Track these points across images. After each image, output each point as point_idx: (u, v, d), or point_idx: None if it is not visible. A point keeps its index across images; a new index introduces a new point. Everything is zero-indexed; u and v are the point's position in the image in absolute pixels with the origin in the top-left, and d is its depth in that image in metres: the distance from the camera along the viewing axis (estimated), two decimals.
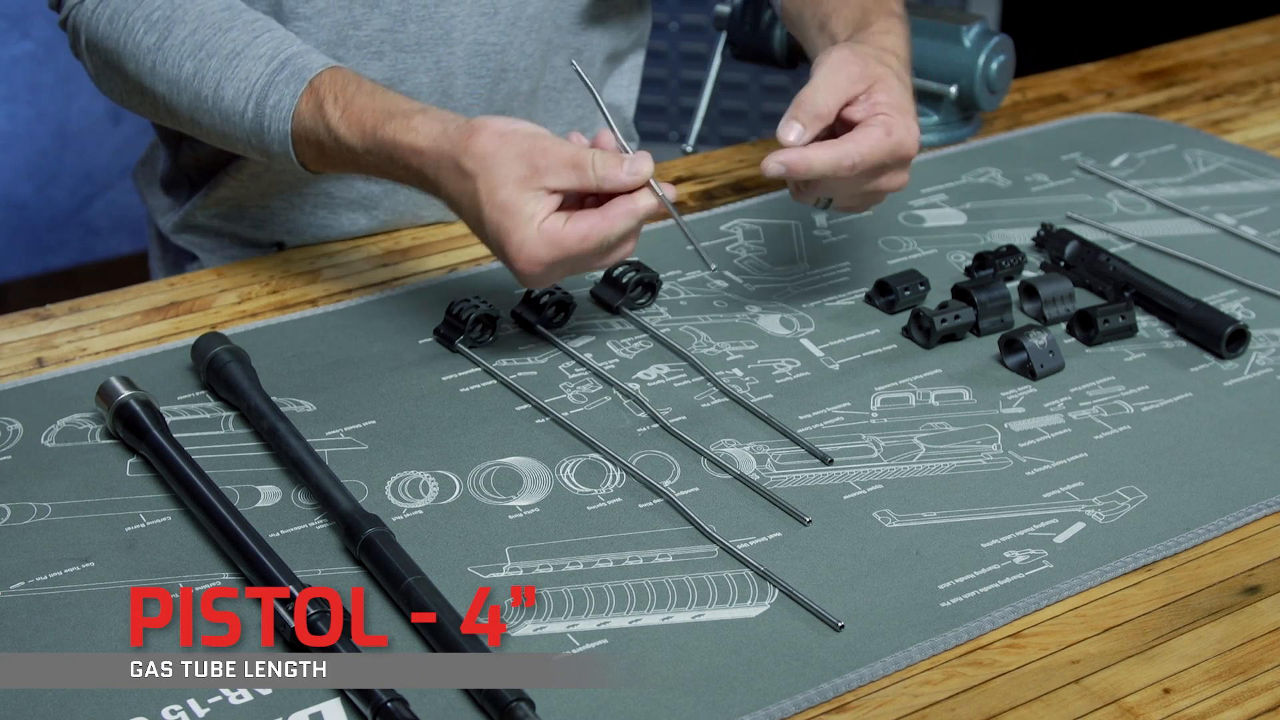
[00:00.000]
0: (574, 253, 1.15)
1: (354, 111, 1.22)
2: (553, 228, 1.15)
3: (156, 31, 1.29)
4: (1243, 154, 1.60)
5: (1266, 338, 1.30)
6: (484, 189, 1.15)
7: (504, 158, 1.15)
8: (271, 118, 1.25)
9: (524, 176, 1.15)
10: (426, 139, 1.19)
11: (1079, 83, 1.78)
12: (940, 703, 0.96)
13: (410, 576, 1.00)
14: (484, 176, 1.15)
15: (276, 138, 1.26)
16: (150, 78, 1.30)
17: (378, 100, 1.22)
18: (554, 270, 1.17)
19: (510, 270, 1.18)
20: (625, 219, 1.15)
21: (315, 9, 1.37)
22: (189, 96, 1.29)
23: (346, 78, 1.24)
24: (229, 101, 1.27)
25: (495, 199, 1.15)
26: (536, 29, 1.45)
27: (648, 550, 1.06)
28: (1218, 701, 0.96)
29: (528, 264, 1.16)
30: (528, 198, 1.15)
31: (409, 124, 1.20)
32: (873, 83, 1.21)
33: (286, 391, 1.21)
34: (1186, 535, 1.09)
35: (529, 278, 1.17)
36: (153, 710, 0.93)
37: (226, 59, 1.27)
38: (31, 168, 2.97)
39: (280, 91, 1.25)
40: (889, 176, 1.24)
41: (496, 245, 1.17)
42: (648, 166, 1.16)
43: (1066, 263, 1.38)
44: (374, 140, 1.21)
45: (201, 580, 1.03)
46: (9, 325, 1.31)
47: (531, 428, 1.18)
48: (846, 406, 1.21)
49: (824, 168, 1.19)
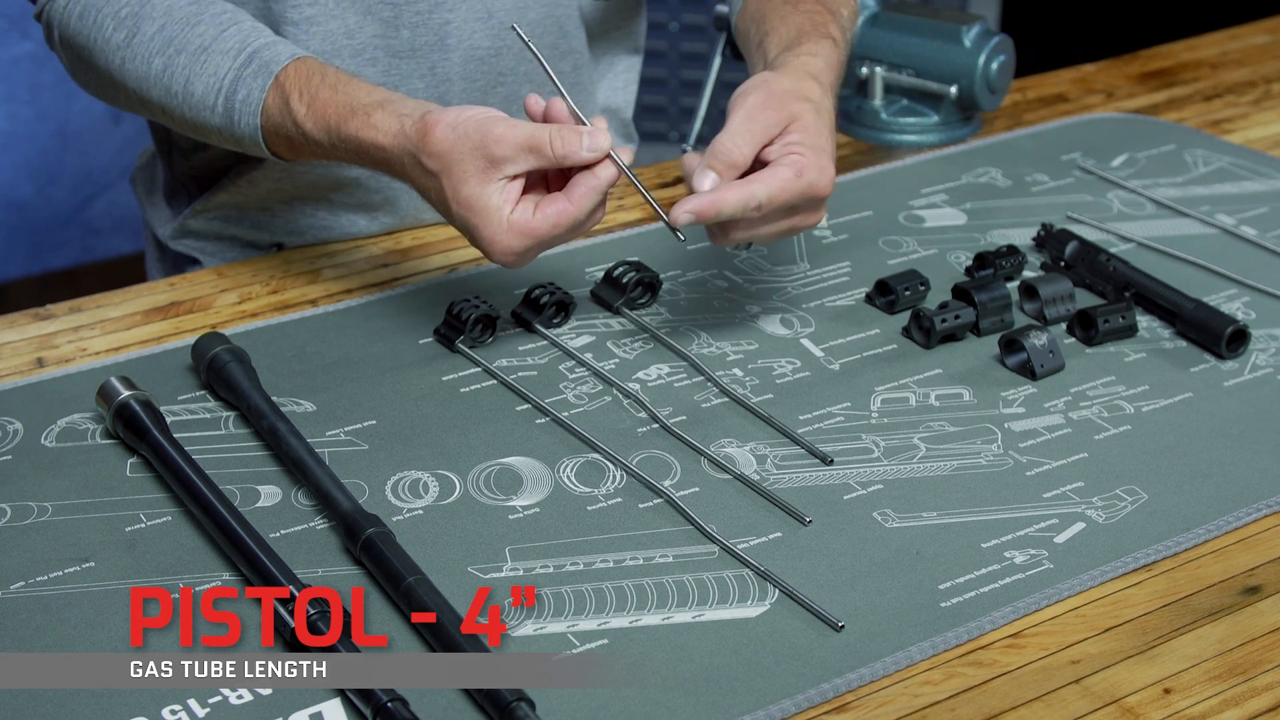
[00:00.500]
0: (546, 238, 1.17)
1: (318, 107, 1.23)
2: (522, 219, 1.16)
3: (125, 28, 1.30)
4: (1243, 154, 1.60)
5: (1266, 338, 1.30)
6: (448, 187, 1.17)
7: (461, 153, 1.16)
8: (241, 112, 1.26)
9: (483, 169, 1.15)
10: (386, 136, 1.20)
11: (1079, 83, 1.78)
12: (940, 703, 0.96)
13: (410, 576, 1.00)
14: (445, 175, 1.16)
15: (247, 132, 1.27)
16: (120, 74, 1.31)
17: (340, 94, 1.23)
18: (528, 254, 1.18)
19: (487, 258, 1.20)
20: (590, 196, 1.16)
21: (306, 16, 1.37)
22: (159, 92, 1.30)
23: (311, 69, 1.25)
24: (198, 97, 1.28)
25: (460, 197, 1.16)
26: (533, 34, 1.44)
27: (648, 550, 1.06)
28: (1218, 701, 0.96)
29: (502, 254, 1.17)
30: (490, 191, 1.16)
31: (369, 121, 1.21)
32: (790, 122, 1.19)
33: (286, 391, 1.21)
34: (1186, 535, 1.09)
35: (505, 264, 1.19)
36: (153, 710, 0.93)
37: (194, 54, 1.28)
38: (31, 168, 2.97)
39: (248, 86, 1.26)
40: (802, 216, 1.21)
41: (470, 239, 1.19)
42: (605, 140, 1.16)
43: (1066, 263, 1.38)
44: (339, 137, 1.22)
45: (201, 580, 1.03)
46: (9, 325, 1.31)
47: (531, 428, 1.18)
48: (846, 406, 1.21)
49: (732, 210, 1.16)
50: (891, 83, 1.62)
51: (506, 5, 1.42)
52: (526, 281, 1.33)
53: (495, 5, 1.42)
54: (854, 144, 1.63)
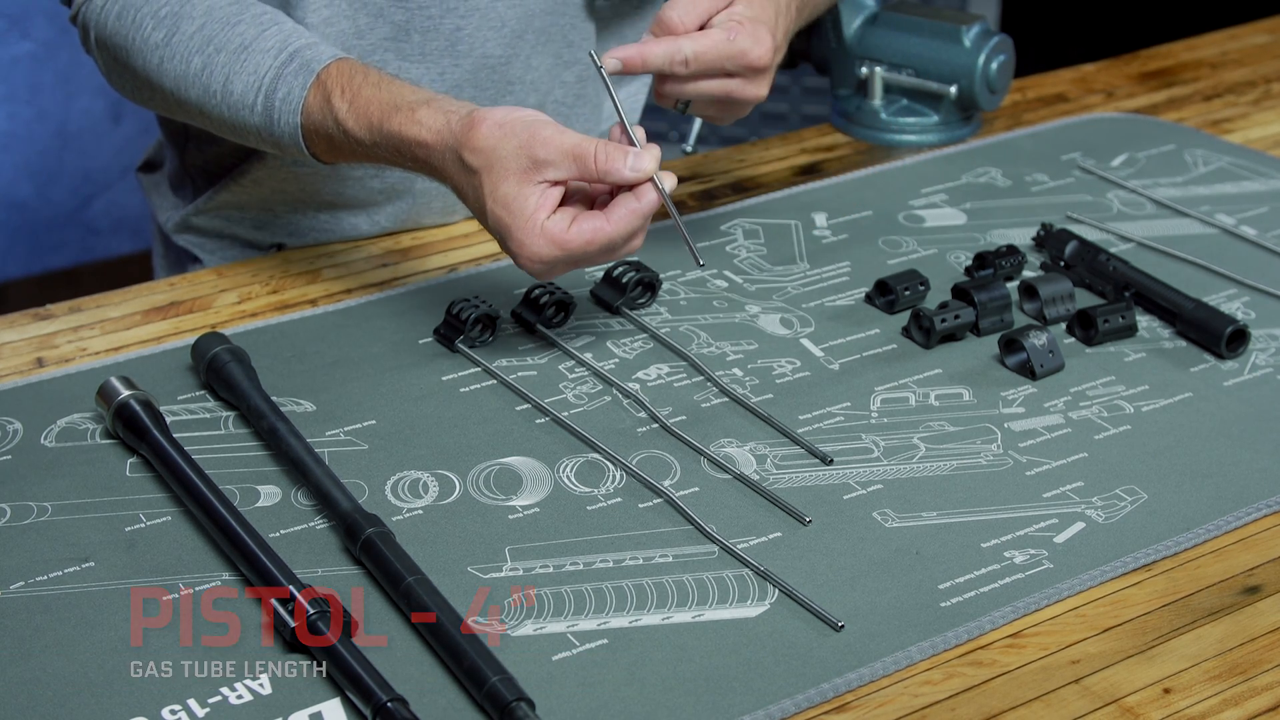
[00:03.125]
0: (577, 254, 1.15)
1: (360, 104, 1.22)
2: (557, 228, 1.14)
3: (165, 27, 1.29)
4: (1243, 154, 1.60)
5: (1266, 338, 1.30)
6: (486, 184, 1.15)
7: (505, 152, 1.15)
8: (281, 111, 1.25)
9: (525, 169, 1.14)
10: (430, 132, 1.19)
11: (1079, 83, 1.78)
12: (940, 703, 0.96)
13: (410, 576, 1.00)
14: (486, 172, 1.15)
15: (287, 130, 1.26)
16: (158, 74, 1.30)
17: (384, 92, 1.22)
18: (556, 266, 1.17)
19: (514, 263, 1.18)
20: (629, 219, 1.15)
21: (320, 18, 1.36)
22: (197, 91, 1.29)
23: (354, 68, 1.24)
24: (238, 95, 1.27)
25: (497, 194, 1.15)
26: (544, 42, 1.44)
27: (648, 550, 1.06)
28: (1218, 701, 0.96)
29: (530, 261, 1.16)
30: (529, 192, 1.14)
31: (414, 117, 1.20)
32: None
33: (286, 391, 1.21)
34: (1186, 535, 1.09)
35: (532, 273, 1.18)
36: (153, 710, 0.93)
37: (235, 53, 1.27)
38: (31, 168, 2.97)
39: (289, 84, 1.25)
40: (741, 85, 1.26)
41: (500, 239, 1.17)
42: (651, 163, 1.15)
43: (1066, 263, 1.38)
44: (381, 134, 1.21)
45: (201, 580, 1.03)
46: (9, 325, 1.31)
47: (531, 428, 1.18)
48: (846, 406, 1.21)
49: (658, 62, 1.23)
50: (891, 83, 1.62)
51: (517, 14, 1.41)
52: (526, 281, 1.33)
53: (507, 14, 1.41)
54: (854, 144, 1.63)
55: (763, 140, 1.64)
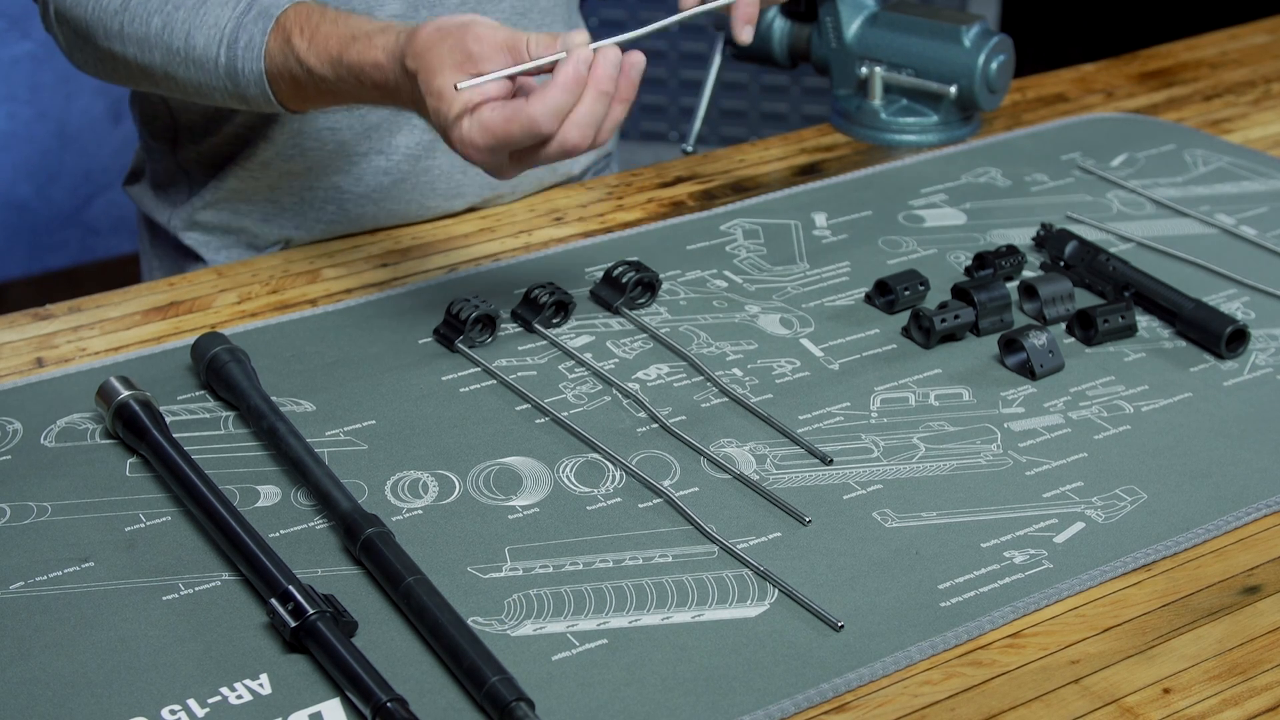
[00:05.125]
0: (504, 137, 1.12)
1: (320, 39, 1.23)
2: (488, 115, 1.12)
3: None
4: (1243, 154, 1.60)
5: (1266, 338, 1.30)
6: (423, 82, 1.15)
7: (442, 50, 1.14)
8: (244, 59, 1.26)
9: (458, 63, 1.13)
10: (384, 52, 1.19)
11: (1079, 83, 1.78)
12: (940, 703, 0.96)
13: (410, 576, 1.00)
14: (424, 70, 1.15)
15: (252, 79, 1.26)
16: (120, 41, 1.30)
17: (341, 26, 1.22)
18: (497, 156, 1.14)
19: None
20: (550, 95, 1.11)
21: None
22: (160, 52, 1.29)
23: (311, 9, 1.25)
24: (200, 50, 1.27)
25: (431, 87, 1.14)
26: (548, 24, 1.44)
27: (647, 550, 1.06)
28: (1217, 701, 0.96)
29: (468, 149, 1.14)
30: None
31: (371, 43, 1.20)
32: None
33: (286, 391, 1.21)
34: (1186, 535, 1.09)
35: (479, 166, 1.15)
36: (152, 710, 0.93)
37: (193, 8, 1.28)
38: (31, 168, 2.97)
39: (249, 32, 1.25)
40: None
41: (444, 135, 1.16)
42: (582, 37, 1.13)
43: (1066, 263, 1.38)
44: (342, 65, 1.21)
45: (201, 580, 1.03)
46: (9, 325, 1.31)
47: (531, 428, 1.18)
48: (846, 406, 1.21)
49: None
50: (891, 82, 1.62)
51: None
52: (526, 281, 1.33)
53: None
54: (854, 144, 1.63)
55: (762, 140, 1.64)
